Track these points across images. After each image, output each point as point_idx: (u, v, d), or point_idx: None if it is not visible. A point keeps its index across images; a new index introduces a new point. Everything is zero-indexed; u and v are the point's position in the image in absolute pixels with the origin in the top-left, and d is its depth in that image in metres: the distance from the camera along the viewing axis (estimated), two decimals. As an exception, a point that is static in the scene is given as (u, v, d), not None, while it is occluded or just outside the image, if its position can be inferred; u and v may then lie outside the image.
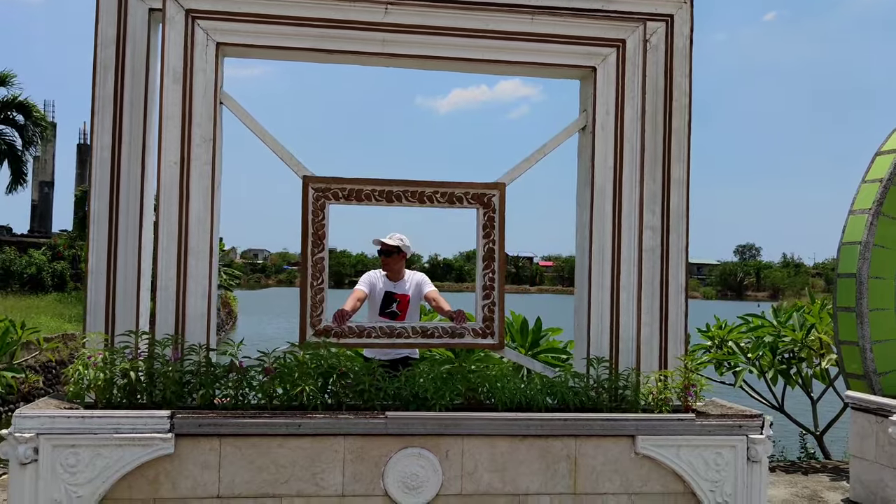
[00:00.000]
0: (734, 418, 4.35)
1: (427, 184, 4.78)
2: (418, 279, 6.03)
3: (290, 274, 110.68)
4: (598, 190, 4.87)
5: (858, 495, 5.41)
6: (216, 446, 3.93)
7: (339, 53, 4.73)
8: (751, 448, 4.30)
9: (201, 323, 4.46)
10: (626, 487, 4.25)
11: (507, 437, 4.17)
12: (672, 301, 5.01)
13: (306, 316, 4.62)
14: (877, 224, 5.46)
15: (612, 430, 4.24)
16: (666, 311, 4.99)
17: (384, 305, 5.91)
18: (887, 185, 5.48)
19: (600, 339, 4.81)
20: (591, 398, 4.44)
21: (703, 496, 4.27)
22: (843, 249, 5.69)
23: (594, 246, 4.86)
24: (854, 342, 5.47)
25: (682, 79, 5.06)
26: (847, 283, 5.56)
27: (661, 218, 5.02)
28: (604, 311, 4.83)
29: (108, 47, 4.59)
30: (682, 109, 5.05)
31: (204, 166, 4.50)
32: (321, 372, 4.19)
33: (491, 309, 4.82)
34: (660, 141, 5.02)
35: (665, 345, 4.98)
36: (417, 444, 4.08)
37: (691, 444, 4.28)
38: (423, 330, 4.76)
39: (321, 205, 4.67)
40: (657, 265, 4.99)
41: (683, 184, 5.05)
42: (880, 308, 5.43)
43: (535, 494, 4.18)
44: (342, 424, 4.01)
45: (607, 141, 4.88)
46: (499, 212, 4.85)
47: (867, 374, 5.39)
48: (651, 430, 4.26)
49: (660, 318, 4.98)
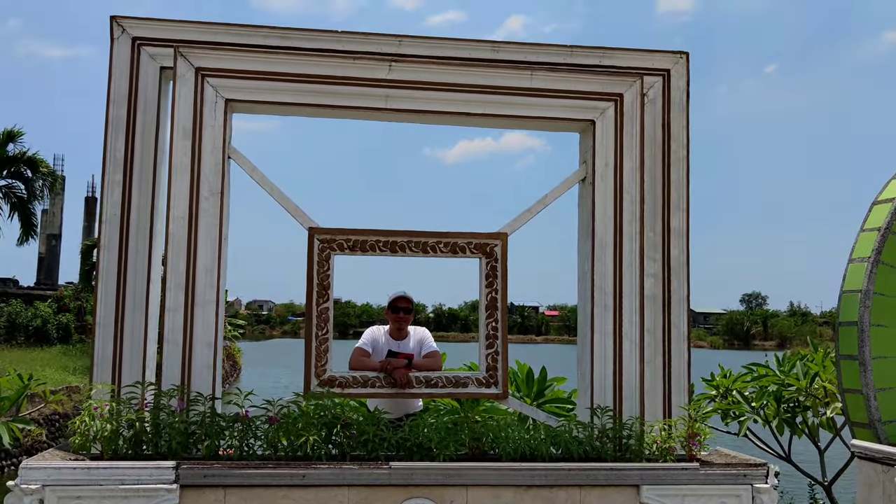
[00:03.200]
0: (739, 467, 4.34)
1: (430, 234, 4.86)
2: (420, 335, 5.80)
3: (295, 325, 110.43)
4: (599, 240, 4.94)
5: (868, 546, 5.36)
6: (221, 497, 3.94)
7: (343, 109, 4.87)
8: (756, 497, 4.28)
9: (207, 373, 4.50)
10: (631, 538, 4.23)
11: (512, 487, 4.17)
12: (675, 349, 5.04)
13: (311, 366, 4.66)
14: (876, 272, 5.52)
15: (616, 479, 4.24)
16: (669, 359, 5.02)
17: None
18: (885, 234, 5.55)
19: (604, 387, 4.83)
20: (595, 448, 4.44)
21: (710, 547, 4.24)
22: (843, 298, 5.73)
23: (596, 295, 4.91)
24: (858, 390, 5.47)
25: (679, 131, 5.18)
26: (849, 331, 5.58)
27: (661, 266, 5.09)
28: (607, 360, 4.86)
29: (119, 105, 4.73)
30: (680, 161, 5.16)
31: (212, 219, 4.60)
32: (325, 422, 4.22)
33: (494, 358, 4.86)
34: (659, 192, 5.11)
35: (668, 393, 5.00)
36: (421, 495, 4.08)
37: (696, 494, 4.27)
38: (426, 380, 4.79)
39: (326, 256, 4.75)
40: (659, 313, 5.04)
41: (683, 234, 5.13)
42: (883, 356, 5.45)
43: (540, 546, 4.16)
44: (346, 475, 4.02)
45: (607, 192, 4.97)
46: (501, 261, 4.92)
47: (872, 422, 5.38)
48: (655, 479, 4.25)
49: (663, 367, 5.00)
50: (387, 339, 5.64)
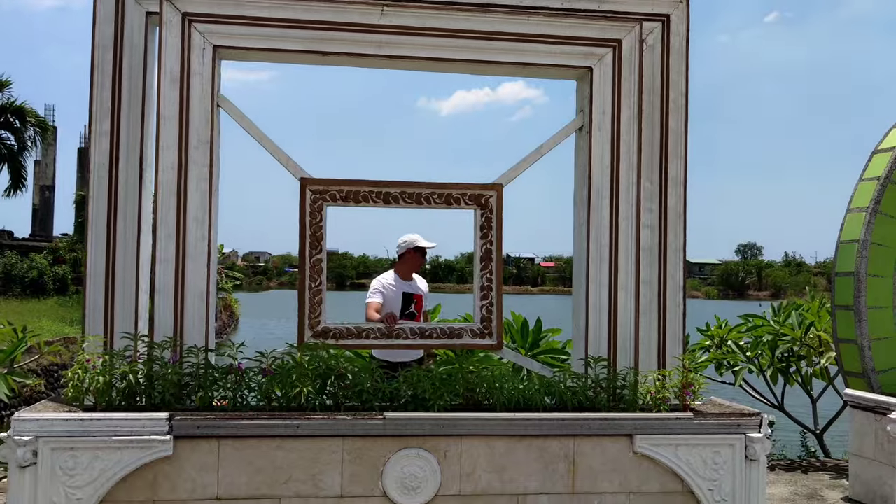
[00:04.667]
0: (732, 417, 4.35)
1: (424, 185, 4.79)
2: (421, 280, 6.10)
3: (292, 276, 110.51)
4: (595, 190, 4.87)
5: (858, 493, 5.41)
6: (215, 448, 3.94)
7: (335, 55, 4.74)
8: (749, 447, 4.30)
9: (199, 325, 4.47)
10: (624, 487, 4.26)
11: (506, 438, 4.18)
12: (670, 300, 5.01)
13: (304, 318, 4.63)
14: (875, 222, 5.47)
15: (609, 429, 4.25)
16: (664, 310, 4.99)
17: (404, 307, 5.87)
18: (885, 183, 5.49)
19: (598, 338, 4.81)
20: (589, 398, 4.44)
21: (702, 495, 4.28)
22: (841, 248, 5.70)
23: (592, 245, 4.86)
24: (852, 340, 5.47)
25: (678, 78, 5.07)
26: (845, 282, 5.56)
27: (658, 217, 5.03)
28: (602, 311, 4.83)
29: (105, 51, 4.60)
30: (678, 109, 5.06)
31: (201, 169, 4.51)
32: (319, 373, 4.20)
33: (489, 309, 4.83)
34: (657, 140, 5.03)
35: (664, 344, 4.99)
36: (416, 445, 4.09)
37: (689, 444, 4.28)
38: (421, 331, 4.77)
39: (318, 207, 4.68)
40: (655, 264, 5.00)
41: (681, 183, 5.06)
42: (878, 306, 5.43)
43: (534, 494, 4.19)
44: (340, 425, 4.02)
45: (604, 141, 4.88)
46: (496, 212, 4.86)
47: (866, 372, 5.39)
48: (649, 429, 4.26)
49: (658, 318, 4.98)
50: (398, 283, 5.92)
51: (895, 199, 5.49)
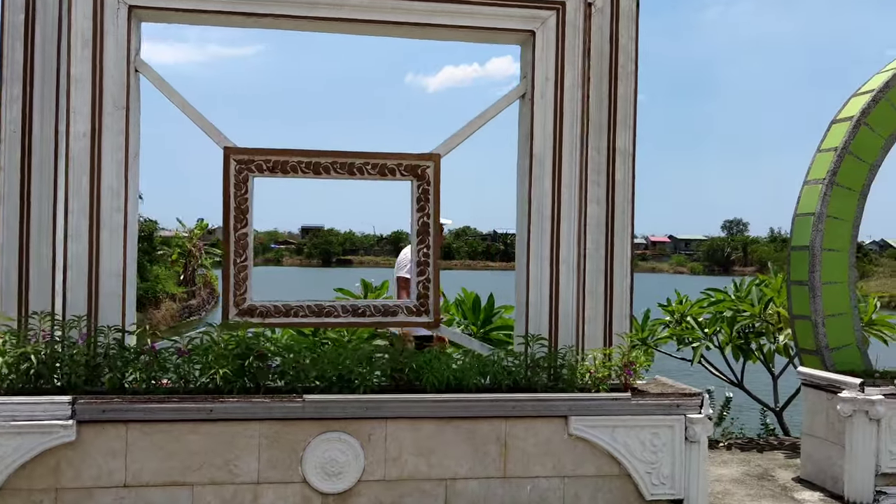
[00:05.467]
0: (672, 397, 4.18)
1: (357, 155, 4.55)
2: None
3: (278, 253, 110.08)
4: (538, 160, 4.65)
5: (808, 473, 5.27)
6: (122, 433, 3.73)
7: (263, 17, 4.47)
8: (689, 428, 4.13)
9: (116, 303, 4.24)
10: (558, 470, 4.09)
11: (434, 420, 3.99)
12: (617, 275, 4.82)
13: (229, 295, 4.40)
14: (831, 194, 5.27)
15: (543, 410, 4.07)
16: (611, 286, 4.80)
17: None
18: (842, 154, 5.28)
19: (539, 315, 4.62)
20: (526, 377, 4.24)
21: (639, 478, 4.11)
22: (796, 221, 5.50)
23: (533, 218, 4.65)
24: (807, 316, 5.30)
25: (628, 43, 4.84)
26: (800, 256, 5.37)
27: (606, 189, 4.82)
28: (543, 287, 4.64)
29: (16, 12, 4.31)
30: (628, 75, 4.83)
31: (117, 137, 4.26)
32: (237, 354, 3.98)
33: (425, 286, 4.62)
34: (605, 109, 4.81)
35: (609, 321, 4.80)
36: (338, 428, 3.89)
37: (627, 425, 4.11)
38: (353, 308, 4.55)
39: (244, 177, 4.43)
40: (602, 238, 4.80)
41: (629, 154, 4.85)
42: (833, 281, 5.25)
43: (463, 479, 4.01)
44: (256, 409, 3.81)
45: (546, 108, 4.66)
46: (433, 184, 4.63)
47: (819, 349, 5.22)
48: (584, 410, 4.08)
49: (605, 294, 4.79)
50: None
51: (853, 170, 5.30)
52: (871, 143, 5.31)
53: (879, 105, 5.29)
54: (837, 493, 4.89)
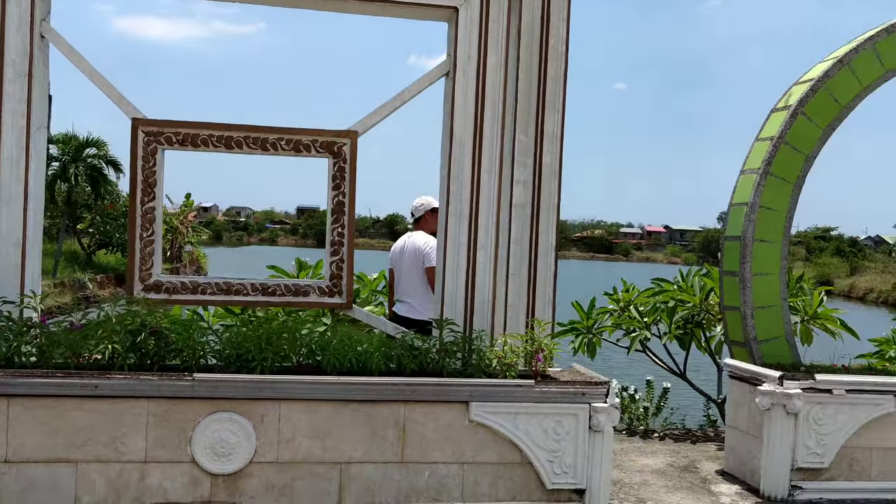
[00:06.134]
0: (577, 385, 4.10)
1: (271, 130, 4.44)
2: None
3: (273, 232, 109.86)
4: (457, 141, 4.55)
5: (730, 466, 5.21)
6: (3, 407, 3.63)
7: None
8: (593, 417, 4.05)
9: (14, 274, 4.14)
10: (458, 457, 4.01)
11: (330, 402, 3.90)
12: (541, 261, 4.74)
13: (134, 270, 4.30)
14: (765, 184, 5.17)
15: (443, 395, 3.98)
16: (535, 271, 4.72)
17: None
18: (777, 144, 5.18)
19: (454, 300, 4.53)
20: (433, 362, 4.16)
21: (540, 467, 4.04)
22: (731, 211, 5.41)
23: (451, 200, 4.56)
24: (737, 308, 5.22)
25: (559, 23, 4.72)
26: (732, 246, 5.29)
27: (532, 173, 4.73)
28: (459, 272, 4.55)
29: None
30: (558, 57, 4.72)
31: (18, 105, 4.14)
32: (132, 329, 3.89)
33: (339, 266, 4.52)
34: (534, 91, 4.71)
35: (532, 307, 4.72)
36: (229, 408, 3.80)
37: (529, 412, 4.03)
38: (263, 287, 4.46)
39: (152, 150, 4.32)
40: (527, 223, 4.71)
41: (557, 138, 4.75)
42: (764, 273, 5.16)
43: (359, 462, 3.93)
44: (144, 386, 3.72)
45: (468, 88, 4.55)
46: (350, 162, 4.52)
47: (748, 341, 5.14)
48: (486, 396, 4.00)
49: (528, 280, 4.71)
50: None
51: (788, 160, 5.20)
52: (809, 134, 5.21)
53: (818, 94, 5.19)
54: (755, 486, 4.83)
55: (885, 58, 5.26)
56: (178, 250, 36.77)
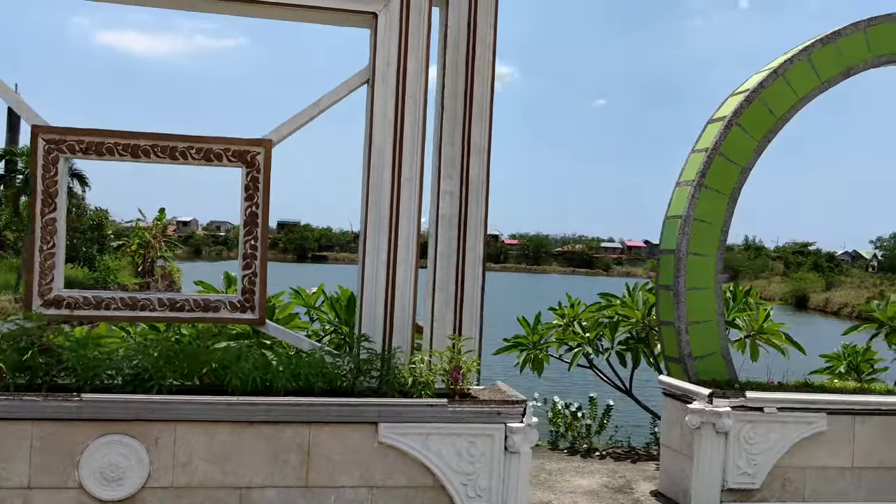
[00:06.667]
0: (492, 405, 3.93)
1: (180, 138, 4.27)
2: None
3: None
4: (377, 149, 4.40)
5: (664, 486, 5.06)
6: None
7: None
8: (509, 437, 3.88)
9: None
10: (366, 480, 3.82)
11: (230, 424, 3.71)
12: (469, 275, 4.60)
13: (33, 284, 4.09)
14: (699, 197, 5.05)
15: (350, 416, 3.80)
16: (462, 286, 4.59)
17: None
18: (712, 155, 5.07)
19: (373, 316, 4.37)
20: (344, 380, 3.98)
21: (454, 491, 3.86)
22: (666, 224, 5.29)
23: (371, 212, 4.40)
24: (671, 323, 5.09)
25: (486, 31, 4.62)
26: (667, 260, 5.16)
27: (459, 185, 4.60)
28: (378, 286, 4.38)
29: None
30: (485, 66, 4.61)
31: None
32: (20, 347, 3.68)
33: (252, 280, 4.34)
34: (460, 101, 4.58)
35: (459, 323, 4.58)
36: (120, 431, 3.60)
37: (442, 433, 3.86)
38: (171, 302, 4.26)
39: (54, 158, 4.13)
40: (454, 236, 4.58)
41: (484, 150, 4.65)
42: (698, 287, 5.04)
43: (260, 487, 3.73)
44: (27, 407, 3.51)
45: (387, 96, 4.41)
46: (263, 172, 4.35)
47: (682, 357, 5.01)
48: (395, 416, 3.82)
49: (455, 295, 4.56)
50: None
51: (723, 172, 5.08)
52: (744, 145, 5.10)
53: (753, 105, 5.09)
54: (687, 508, 4.68)
55: (820, 69, 5.18)
56: (150, 264, 36.37)
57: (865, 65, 5.25)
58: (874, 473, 4.68)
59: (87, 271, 25.95)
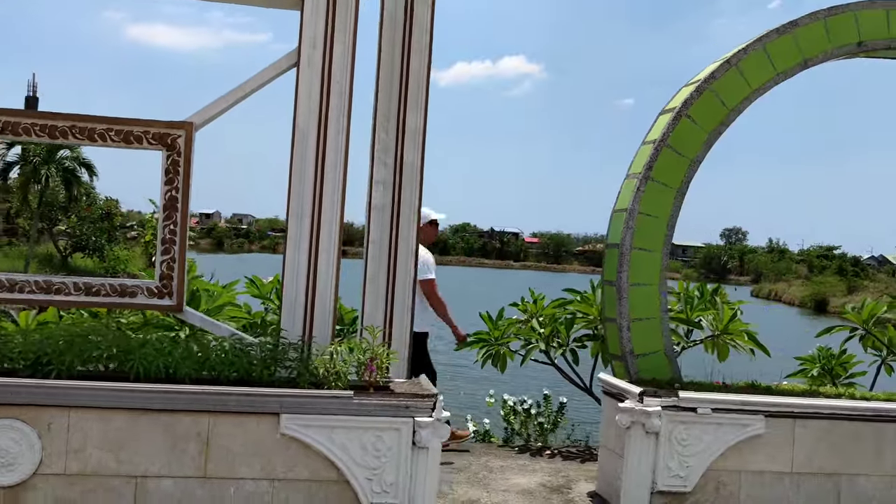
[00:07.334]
0: (400, 398, 3.81)
1: (99, 119, 4.19)
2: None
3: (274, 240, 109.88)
4: (301, 134, 4.30)
5: (601, 487, 4.91)
6: None
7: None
8: (417, 432, 3.76)
9: None
10: (267, 472, 3.72)
11: (126, 411, 3.62)
12: (401, 266, 4.50)
13: (-55, 265, 4.04)
14: (645, 189, 4.88)
15: (251, 406, 3.70)
16: (394, 276, 4.48)
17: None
18: (659, 147, 4.89)
19: (294, 306, 4.27)
20: (252, 370, 3.87)
21: (358, 486, 3.74)
22: (613, 217, 5.13)
23: (293, 199, 4.30)
24: (614, 319, 4.93)
25: (423, 13, 4.51)
26: (612, 254, 5.00)
27: (393, 172, 4.50)
28: (300, 275, 4.29)
29: None
30: (422, 49, 4.50)
31: None
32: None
33: (170, 266, 4.25)
34: (395, 85, 4.48)
35: (391, 315, 4.47)
36: (11, 415, 3.53)
37: (347, 426, 3.74)
38: (86, 287, 4.17)
39: (-31, 139, 4.08)
40: (387, 225, 4.47)
41: (420, 134, 4.53)
42: (642, 283, 4.86)
43: (156, 477, 3.64)
44: (-86, 389, 3.45)
45: (313, 79, 4.31)
46: (184, 155, 4.26)
47: (624, 354, 4.84)
48: (298, 407, 3.71)
49: (387, 285, 4.46)
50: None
51: (671, 164, 4.91)
52: (693, 137, 4.93)
53: (704, 96, 4.91)
54: (619, 510, 4.52)
55: (776, 60, 4.98)
56: (163, 255, 36.58)
57: (825, 56, 5.04)
58: (814, 479, 4.49)
59: (98, 261, 26.18)
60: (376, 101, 4.48)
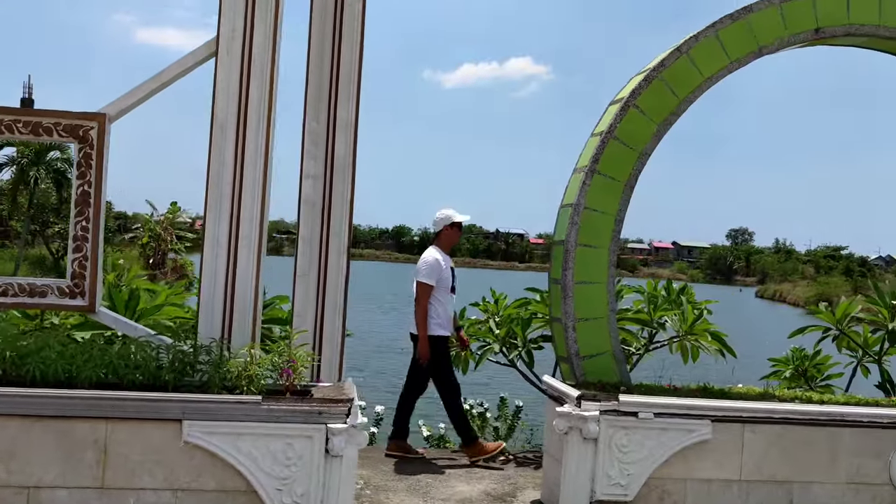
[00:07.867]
0: (312, 403, 3.60)
1: (7, 110, 4.02)
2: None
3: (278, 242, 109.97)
4: (219, 126, 4.10)
5: (544, 495, 4.68)
6: None
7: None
8: (330, 439, 3.54)
9: None
10: (170, 482, 3.51)
11: (17, 418, 3.42)
12: (333, 263, 4.30)
13: None
14: (590, 183, 4.66)
15: (150, 412, 3.49)
16: (325, 274, 4.28)
17: (453, 281, 5.81)
18: (606, 139, 4.66)
19: (212, 307, 4.07)
20: (160, 374, 3.66)
21: (267, 496, 3.53)
22: (560, 213, 4.90)
23: (210, 193, 4.09)
24: (560, 319, 4.70)
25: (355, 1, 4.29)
26: (558, 252, 4.77)
27: (324, 165, 4.30)
28: (218, 274, 4.09)
29: None
30: (353, 35, 4.31)
31: None
32: None
33: (83, 264, 4.05)
34: (326, 75, 4.27)
35: (321, 314, 4.27)
36: None
37: (254, 433, 3.53)
38: (-7, 287, 3.99)
39: None
40: (317, 221, 4.27)
41: (351, 126, 4.33)
42: (588, 281, 4.64)
43: (49, 487, 3.44)
44: None
45: (232, 68, 4.12)
46: (97, 148, 4.07)
47: (570, 356, 4.62)
48: (201, 414, 3.50)
49: (318, 283, 4.25)
50: (445, 259, 5.84)
51: (618, 157, 4.68)
52: (642, 128, 4.70)
53: (653, 86, 4.69)
54: (559, 519, 4.30)
55: (729, 47, 4.75)
56: (161, 257, 36.55)
57: (781, 43, 4.80)
58: (764, 487, 4.25)
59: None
60: (306, 92, 4.28)
